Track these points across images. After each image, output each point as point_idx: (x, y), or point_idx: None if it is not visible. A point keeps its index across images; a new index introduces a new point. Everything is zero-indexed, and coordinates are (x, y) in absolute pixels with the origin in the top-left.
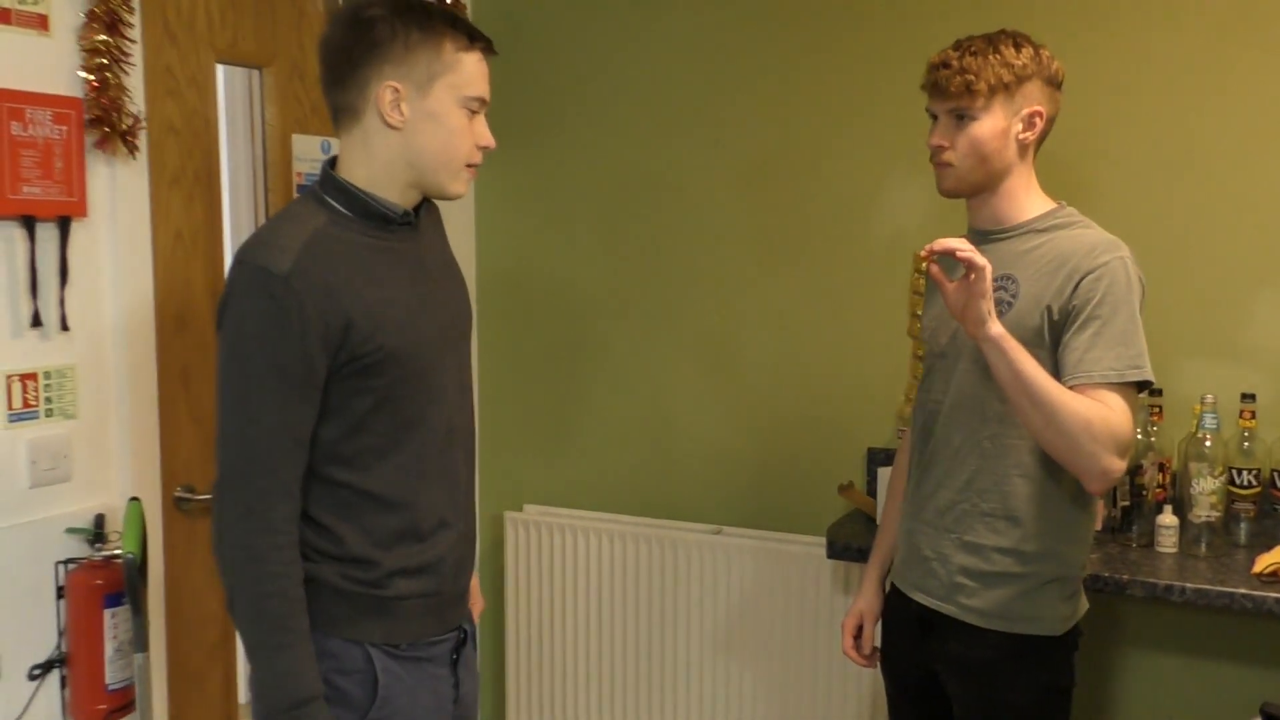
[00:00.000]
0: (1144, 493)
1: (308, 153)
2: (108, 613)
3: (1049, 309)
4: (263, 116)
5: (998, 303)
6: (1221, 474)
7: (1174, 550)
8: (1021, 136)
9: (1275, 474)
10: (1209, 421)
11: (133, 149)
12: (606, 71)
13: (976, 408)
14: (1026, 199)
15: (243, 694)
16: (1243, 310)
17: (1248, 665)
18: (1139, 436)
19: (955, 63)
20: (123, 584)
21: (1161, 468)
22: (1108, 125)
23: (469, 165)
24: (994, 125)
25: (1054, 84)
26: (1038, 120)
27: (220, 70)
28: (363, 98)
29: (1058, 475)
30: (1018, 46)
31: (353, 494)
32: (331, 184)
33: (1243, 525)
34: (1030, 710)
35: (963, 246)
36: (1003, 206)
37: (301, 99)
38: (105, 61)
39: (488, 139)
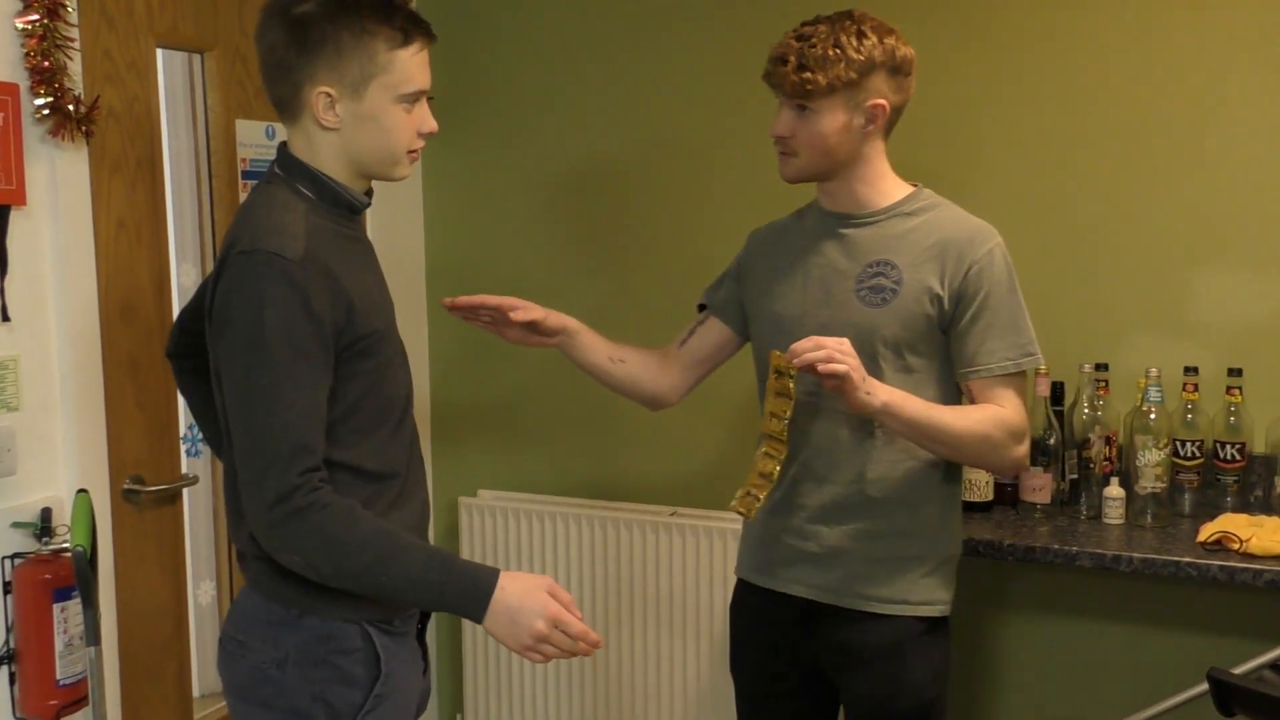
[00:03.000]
0: (1091, 466)
1: (252, 138)
2: (57, 607)
3: (938, 297)
4: (205, 102)
5: (880, 289)
6: (1166, 446)
7: (1121, 522)
8: (865, 130)
9: (1218, 445)
10: (1153, 395)
11: (89, 135)
12: (553, 61)
13: None
14: (884, 183)
15: (197, 687)
16: (1185, 285)
17: (1194, 633)
18: (1086, 411)
19: (793, 58)
20: (71, 578)
21: (1108, 441)
22: (1049, 99)
23: (410, 151)
24: (834, 120)
25: (901, 73)
26: (879, 114)
27: (160, 55)
28: (298, 100)
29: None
30: (861, 35)
31: (348, 472)
32: (302, 171)
33: (1187, 496)
34: (927, 689)
35: (822, 359)
36: (861, 191)
37: (245, 84)
38: (48, 46)
39: (430, 125)
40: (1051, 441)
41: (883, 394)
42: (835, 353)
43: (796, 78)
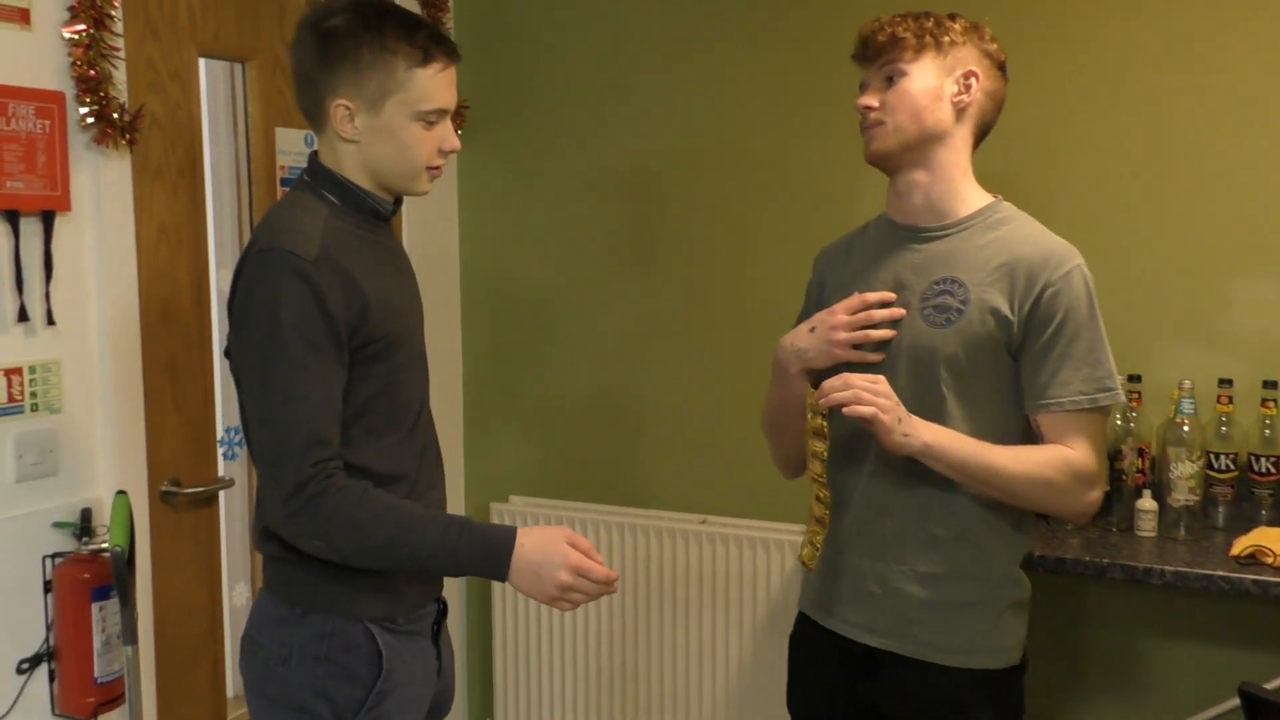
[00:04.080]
0: (1123, 478)
1: (291, 146)
2: (95, 606)
3: (1006, 319)
4: (246, 110)
5: (944, 309)
6: (1199, 458)
7: (1153, 534)
8: (956, 99)
9: (1252, 458)
10: (1186, 407)
11: (132, 143)
12: (587, 68)
13: None
14: (965, 187)
15: (230, 688)
16: (1219, 297)
17: (1225, 646)
18: (1118, 423)
19: (884, 21)
20: (110, 577)
21: (1140, 453)
22: (1087, 112)
23: (430, 167)
24: (925, 81)
25: (992, 60)
26: (974, 81)
27: (202, 64)
28: (320, 111)
29: None
30: (953, 18)
31: (357, 473)
32: (328, 178)
33: (1220, 509)
34: None
35: (848, 400)
36: (943, 194)
37: (285, 92)
38: (94, 56)
39: (451, 143)
40: None
41: (924, 434)
42: (863, 393)
43: (890, 30)
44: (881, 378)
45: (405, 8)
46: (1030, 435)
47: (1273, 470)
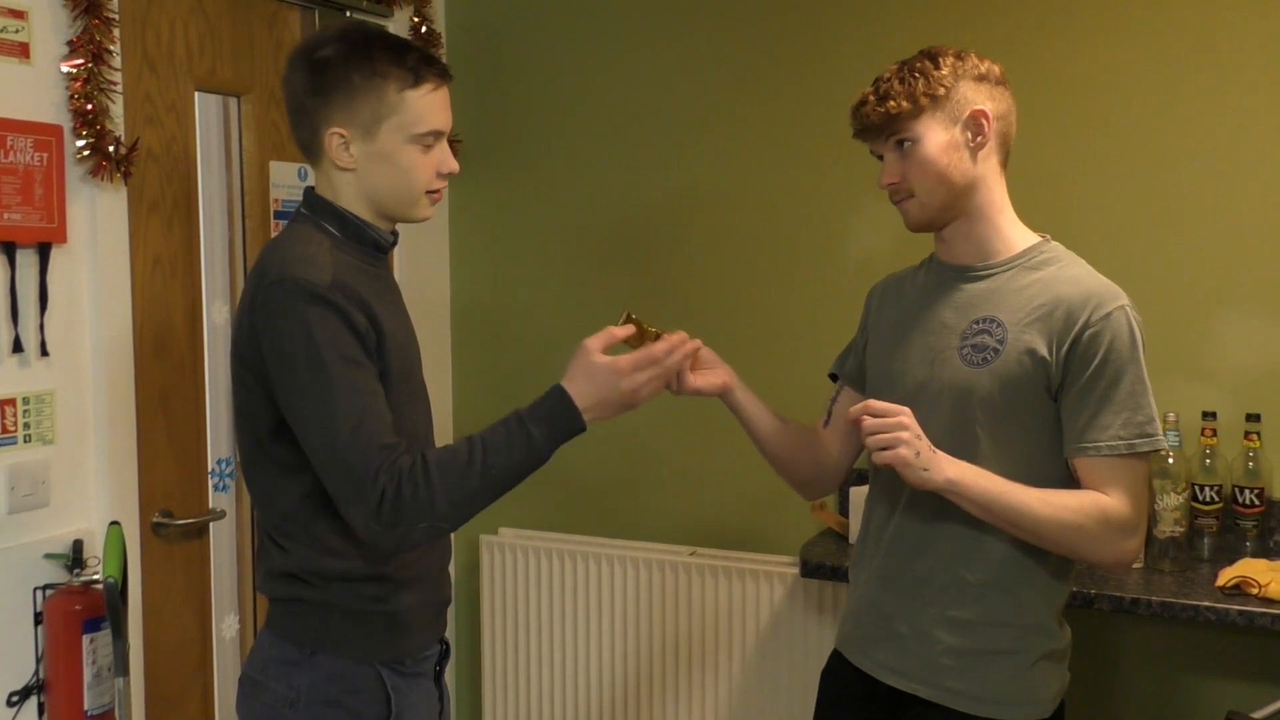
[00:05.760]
0: None
1: (285, 179)
2: (86, 638)
3: (1044, 361)
4: (240, 143)
5: (982, 348)
6: (1184, 490)
7: (1140, 565)
8: (975, 144)
9: (1236, 490)
10: (1172, 439)
11: (127, 176)
12: (579, 101)
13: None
14: (1010, 227)
15: (219, 718)
16: (1203, 330)
17: (1212, 676)
18: None
19: (872, 96)
20: (101, 609)
21: None
22: (1071, 149)
23: (430, 191)
24: (936, 140)
25: (990, 80)
26: (984, 121)
27: (197, 98)
28: (316, 142)
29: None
30: (934, 58)
31: None
32: (327, 210)
33: (1206, 540)
34: None
35: (868, 429)
36: (985, 235)
37: (279, 126)
38: (92, 90)
39: (450, 165)
40: None
41: (949, 470)
42: (884, 434)
43: (881, 109)
44: (907, 409)
45: (393, 33)
46: (1074, 481)
47: (1256, 502)
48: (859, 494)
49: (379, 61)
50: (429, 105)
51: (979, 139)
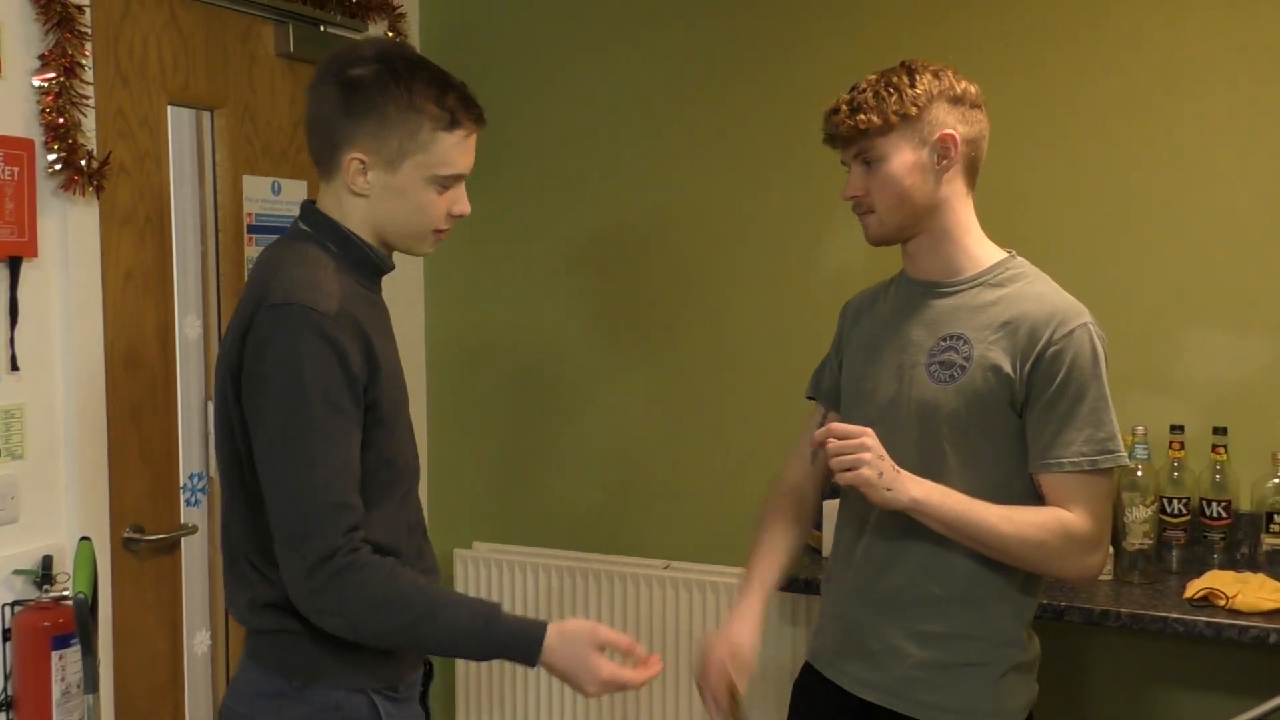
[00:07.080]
0: None
1: (258, 193)
2: (55, 655)
3: (1008, 378)
4: (214, 158)
5: (949, 365)
6: (1153, 503)
7: (1109, 578)
8: (940, 167)
9: (1203, 503)
10: (1140, 452)
11: (99, 190)
12: (552, 117)
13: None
14: (975, 245)
15: None
16: (1171, 345)
17: (1180, 687)
18: None
19: (845, 106)
20: (70, 626)
21: None
22: (1039, 165)
23: (438, 230)
24: (902, 160)
25: (965, 103)
26: (951, 145)
27: (170, 112)
28: (333, 160)
29: None
30: (913, 74)
31: None
32: (331, 230)
33: (1174, 552)
34: None
35: (831, 451)
36: (951, 253)
37: (253, 140)
38: (64, 103)
39: (462, 207)
40: None
41: (913, 489)
42: (840, 444)
43: (851, 121)
44: (869, 430)
45: (434, 63)
46: (1041, 496)
47: (1223, 514)
48: (832, 507)
49: (419, 96)
50: (459, 150)
51: (944, 162)
